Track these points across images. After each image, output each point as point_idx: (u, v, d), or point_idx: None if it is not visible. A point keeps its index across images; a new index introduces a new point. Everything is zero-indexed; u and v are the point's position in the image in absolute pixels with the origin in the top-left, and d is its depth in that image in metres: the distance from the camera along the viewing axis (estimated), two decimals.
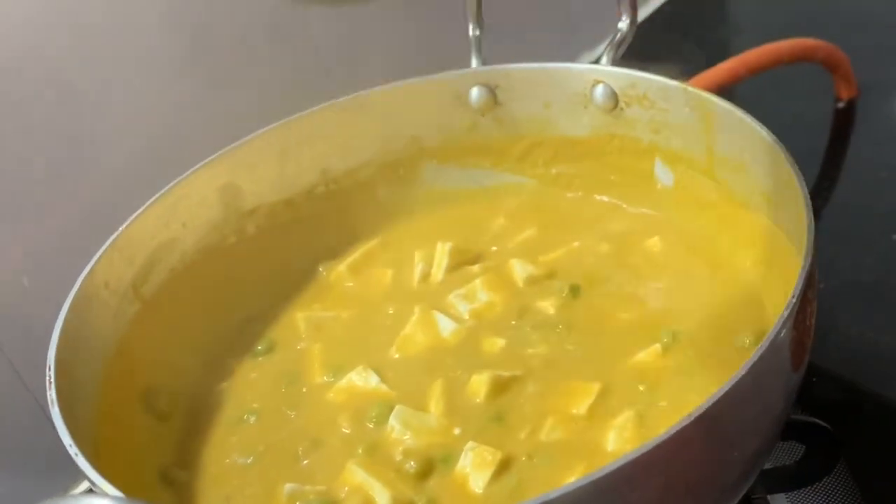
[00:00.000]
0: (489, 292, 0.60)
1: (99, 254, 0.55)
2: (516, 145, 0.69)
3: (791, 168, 0.50)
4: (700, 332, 0.55)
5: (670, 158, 0.63)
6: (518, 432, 0.51)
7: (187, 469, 0.53)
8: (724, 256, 0.60)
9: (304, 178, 0.67)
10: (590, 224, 0.66)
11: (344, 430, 0.53)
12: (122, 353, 0.55)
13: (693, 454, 0.40)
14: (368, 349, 0.58)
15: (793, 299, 0.43)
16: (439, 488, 0.49)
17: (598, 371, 0.54)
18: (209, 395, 0.58)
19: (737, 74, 0.90)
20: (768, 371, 0.42)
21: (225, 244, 0.64)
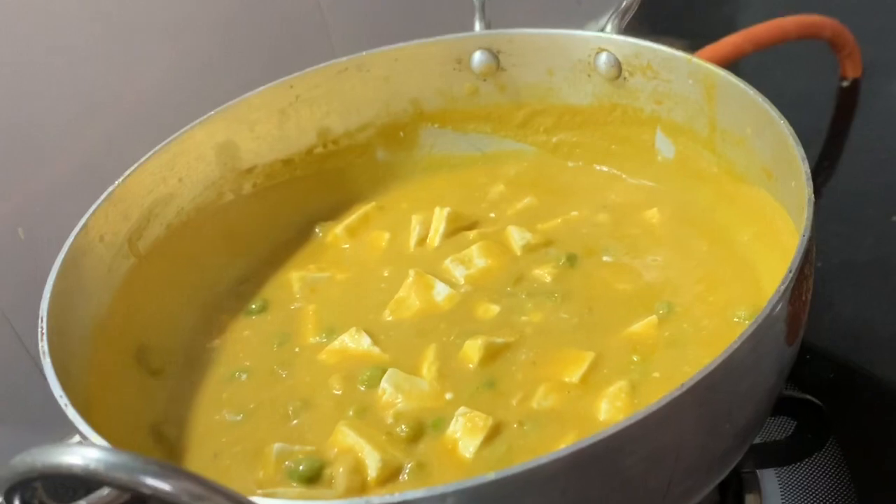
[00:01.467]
0: (486, 258, 0.60)
1: (94, 206, 0.54)
2: (518, 112, 0.68)
3: (793, 142, 0.50)
4: (696, 306, 0.55)
5: (672, 130, 0.63)
6: (510, 399, 0.51)
7: (177, 425, 0.53)
8: (722, 230, 0.60)
9: (303, 138, 0.66)
10: (589, 194, 0.66)
11: (335, 391, 0.53)
12: (115, 307, 0.55)
13: (685, 424, 0.40)
14: (362, 311, 0.58)
15: (790, 273, 0.43)
16: (429, 452, 0.49)
17: (593, 340, 0.53)
18: (202, 352, 0.58)
19: (742, 49, 0.90)
20: (763, 344, 0.42)
21: (222, 202, 0.64)
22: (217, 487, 0.33)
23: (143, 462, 0.31)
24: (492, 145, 0.70)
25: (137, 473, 0.32)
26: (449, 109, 0.68)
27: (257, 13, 0.78)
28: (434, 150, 0.70)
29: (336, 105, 0.66)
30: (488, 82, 0.67)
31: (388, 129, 0.69)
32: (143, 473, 0.31)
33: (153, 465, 0.32)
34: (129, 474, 0.32)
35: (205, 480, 0.33)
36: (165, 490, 0.32)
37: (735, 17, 1.19)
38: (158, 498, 0.32)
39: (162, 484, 0.32)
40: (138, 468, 0.31)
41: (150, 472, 0.32)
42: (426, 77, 0.67)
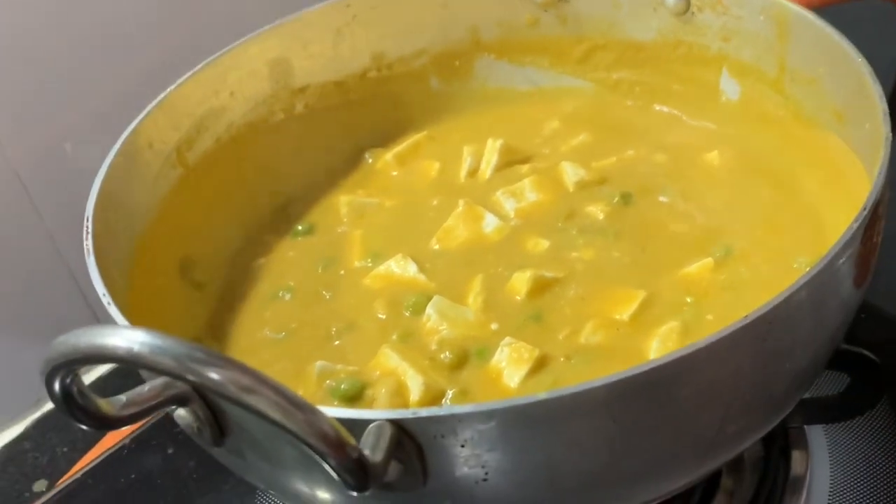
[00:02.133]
0: (537, 192, 0.59)
1: (145, 113, 0.54)
2: (578, 46, 0.66)
3: (871, 80, 0.48)
4: (754, 250, 0.53)
5: (738, 70, 0.60)
6: (557, 333, 0.49)
7: (218, 340, 0.53)
8: (785, 175, 0.58)
9: (357, 60, 0.65)
10: (647, 134, 0.64)
11: (379, 315, 0.52)
12: (160, 217, 0.54)
13: (745, 359, 0.38)
14: (409, 238, 0.57)
15: (864, 210, 0.41)
16: (473, 380, 0.48)
17: (644, 280, 0.52)
18: (246, 269, 0.58)
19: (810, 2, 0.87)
20: (832, 281, 0.41)
21: (272, 120, 0.63)
22: (266, 380, 0.32)
23: (190, 348, 0.30)
24: (548, 80, 0.68)
25: (184, 359, 0.31)
26: (507, 40, 0.67)
27: None
28: (489, 81, 0.68)
29: (392, 28, 0.65)
30: (550, 13, 0.65)
31: (444, 57, 0.67)
32: (189, 359, 0.31)
33: (200, 352, 0.31)
34: (176, 360, 0.31)
35: (256, 372, 0.32)
36: (212, 378, 0.31)
37: None
38: (207, 388, 0.31)
39: (210, 372, 0.31)
40: (184, 354, 0.30)
41: (197, 358, 0.31)
42: (486, 5, 0.65)
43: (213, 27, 0.70)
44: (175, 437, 0.62)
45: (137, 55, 0.72)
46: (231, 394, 0.31)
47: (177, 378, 0.31)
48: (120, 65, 0.72)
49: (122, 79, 0.72)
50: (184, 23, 0.71)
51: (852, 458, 0.57)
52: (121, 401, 0.35)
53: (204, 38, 0.63)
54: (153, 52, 0.72)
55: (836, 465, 0.56)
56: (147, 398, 0.36)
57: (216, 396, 0.32)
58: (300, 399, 0.32)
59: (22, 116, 0.69)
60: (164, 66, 0.66)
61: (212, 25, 0.71)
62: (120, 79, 0.72)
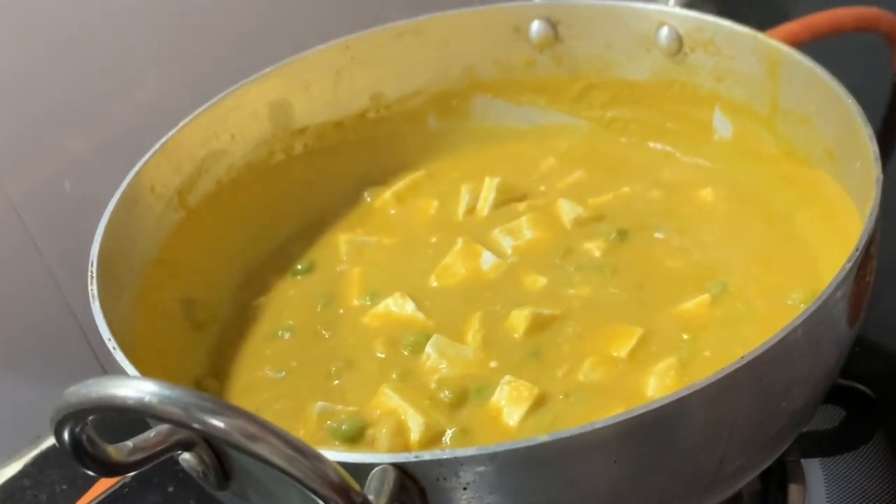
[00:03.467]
0: (535, 230, 0.59)
1: (147, 156, 0.54)
2: (573, 85, 0.67)
3: (861, 121, 0.49)
4: (749, 286, 0.54)
5: (731, 108, 0.61)
6: (555, 370, 0.50)
7: (219, 380, 0.53)
8: (778, 212, 0.58)
9: (356, 101, 0.66)
10: (641, 171, 0.65)
11: (379, 354, 0.52)
12: (163, 259, 0.55)
13: (742, 399, 0.39)
14: (408, 276, 0.58)
15: (856, 251, 0.42)
16: (473, 418, 0.48)
17: (642, 316, 0.52)
18: (246, 308, 0.58)
19: (798, 37, 0.88)
20: (825, 322, 0.41)
21: (272, 161, 0.63)
22: (271, 427, 0.32)
23: (198, 397, 0.31)
24: (545, 118, 0.69)
25: (192, 409, 0.31)
26: (504, 79, 0.67)
27: None
28: (486, 120, 0.69)
29: (390, 69, 0.66)
30: (545, 53, 0.66)
31: (441, 96, 0.68)
32: (196, 409, 0.31)
33: (207, 401, 0.31)
34: (183, 409, 0.31)
35: (259, 419, 0.32)
36: (218, 427, 0.31)
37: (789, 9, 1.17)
38: (213, 437, 0.32)
39: (217, 421, 0.31)
40: (192, 403, 0.31)
41: (204, 407, 0.31)
42: (483, 45, 0.66)
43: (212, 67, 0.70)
44: (176, 475, 0.62)
45: (137, 93, 0.72)
46: (237, 442, 0.31)
47: (185, 427, 0.31)
48: (119, 103, 0.73)
49: (122, 117, 0.72)
50: (184, 62, 0.72)
51: (848, 491, 0.57)
52: (128, 447, 0.35)
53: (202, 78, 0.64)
54: (153, 90, 0.73)
55: (833, 498, 0.56)
56: (154, 444, 0.36)
57: (223, 444, 0.32)
58: (305, 446, 0.32)
59: (21, 153, 0.70)
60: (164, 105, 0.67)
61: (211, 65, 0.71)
62: (119, 117, 0.72)
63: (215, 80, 0.60)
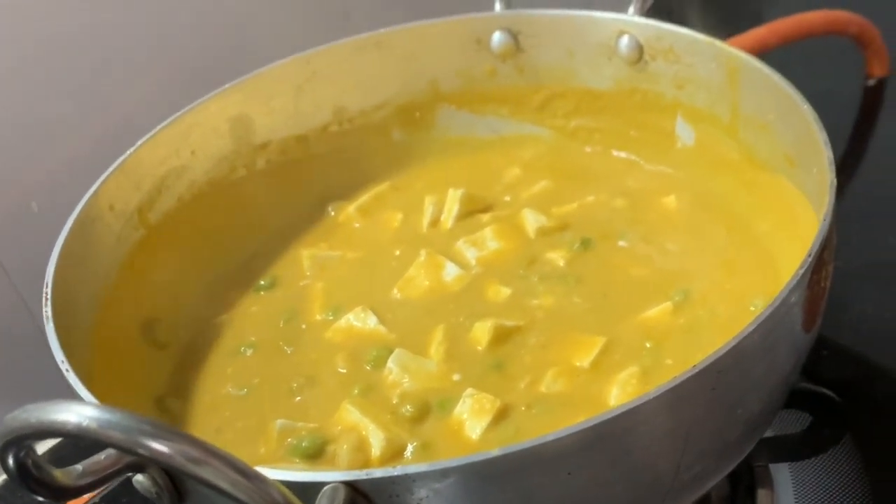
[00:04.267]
0: (499, 241, 0.59)
1: (105, 175, 0.54)
2: (536, 95, 0.67)
3: (816, 127, 0.49)
4: (712, 293, 0.54)
5: (693, 116, 0.62)
6: (518, 382, 0.50)
7: (181, 399, 0.53)
8: (741, 218, 0.59)
9: (318, 115, 0.66)
10: (606, 179, 0.65)
11: (340, 369, 0.52)
12: (123, 278, 0.55)
13: (696, 408, 0.39)
14: (371, 290, 0.58)
15: (809, 257, 0.42)
16: (435, 433, 0.48)
17: (604, 325, 0.52)
18: (208, 325, 0.58)
19: (766, 42, 0.88)
20: (779, 329, 0.41)
21: (234, 176, 0.63)
22: (216, 452, 0.32)
23: (139, 421, 0.31)
24: (509, 128, 0.69)
25: (133, 433, 0.31)
26: (467, 90, 0.68)
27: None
28: (450, 131, 0.69)
29: (353, 83, 0.66)
30: (507, 63, 0.66)
31: (405, 108, 0.68)
32: (138, 433, 0.31)
33: (150, 426, 0.31)
34: (125, 434, 0.31)
35: (204, 444, 0.32)
36: (162, 452, 0.31)
37: (761, 12, 1.17)
38: (156, 461, 0.32)
39: (159, 445, 0.31)
40: (134, 427, 0.31)
41: (146, 431, 0.31)
42: (445, 57, 0.66)
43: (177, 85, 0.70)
44: (144, 496, 0.62)
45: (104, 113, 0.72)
46: (181, 466, 0.31)
47: (127, 452, 0.31)
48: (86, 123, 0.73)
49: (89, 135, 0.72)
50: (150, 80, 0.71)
51: (817, 495, 0.57)
52: (77, 470, 0.35)
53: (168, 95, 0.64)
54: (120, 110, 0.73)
55: (802, 502, 0.57)
56: (104, 467, 0.36)
57: (166, 468, 0.32)
58: (247, 468, 0.32)
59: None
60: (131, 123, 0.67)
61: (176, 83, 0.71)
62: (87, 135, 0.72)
63: (181, 96, 0.60)
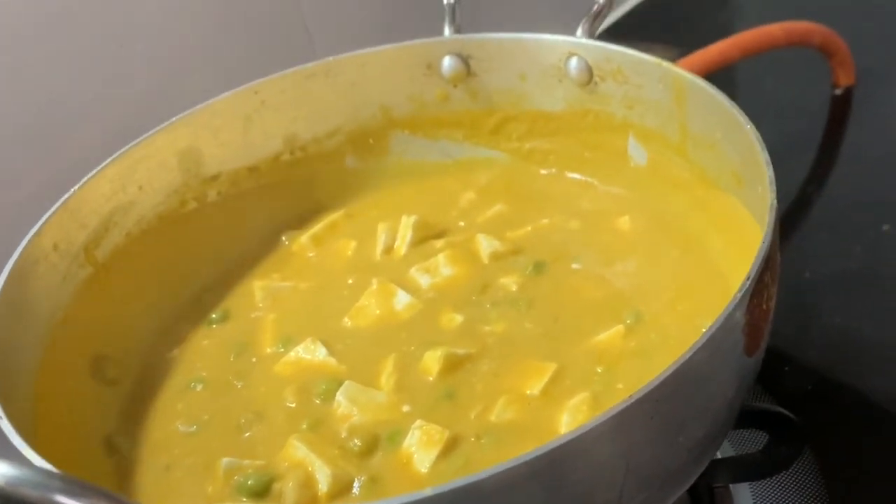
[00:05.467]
0: (452, 267, 0.59)
1: (48, 215, 0.53)
2: (489, 118, 0.67)
3: (758, 147, 0.49)
4: (665, 315, 0.54)
5: (644, 136, 0.61)
6: (469, 411, 0.49)
7: (130, 437, 0.52)
8: (694, 238, 0.58)
9: (269, 144, 0.65)
10: (561, 201, 0.65)
11: (289, 403, 0.52)
12: (70, 318, 0.54)
13: (634, 437, 0.39)
14: (322, 321, 0.57)
15: (747, 280, 0.41)
16: (383, 466, 0.47)
17: (556, 351, 0.52)
18: (159, 361, 0.57)
19: (729, 56, 0.88)
20: (718, 355, 0.41)
21: (185, 210, 0.63)
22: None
23: (49, 477, 0.30)
24: (463, 152, 0.69)
25: (44, 490, 0.30)
26: (419, 116, 0.67)
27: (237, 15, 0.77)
28: (404, 156, 0.69)
29: (303, 111, 0.65)
30: (459, 88, 0.66)
31: (358, 135, 0.68)
32: (50, 490, 0.30)
33: (61, 482, 0.31)
34: (37, 491, 0.30)
35: (119, 498, 0.31)
36: None
37: (730, 25, 1.17)
38: None
39: (73, 502, 0.31)
40: (44, 484, 0.30)
41: (59, 488, 0.31)
42: (395, 83, 0.66)
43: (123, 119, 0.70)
44: None
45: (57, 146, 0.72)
46: None
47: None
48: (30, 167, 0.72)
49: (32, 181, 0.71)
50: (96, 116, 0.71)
51: None
52: None
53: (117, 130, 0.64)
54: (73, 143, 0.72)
55: None
56: None
57: None
58: None
59: None
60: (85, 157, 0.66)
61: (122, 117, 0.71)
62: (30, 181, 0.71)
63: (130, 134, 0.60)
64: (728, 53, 0.88)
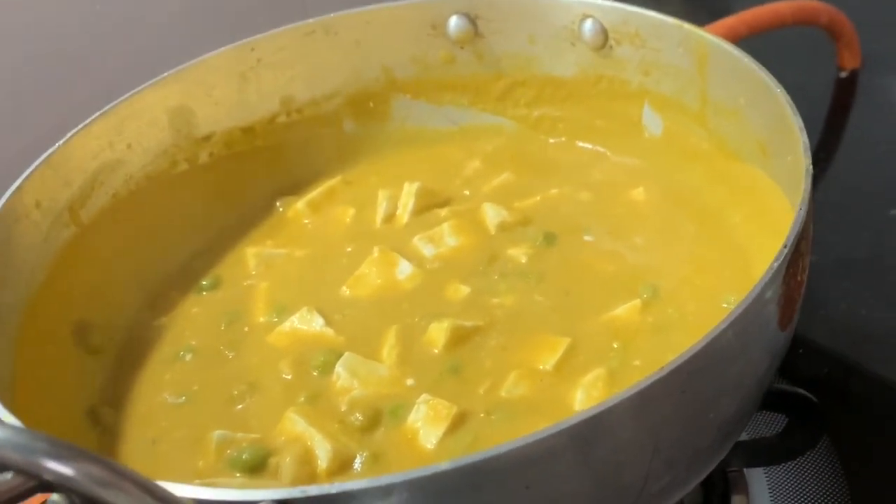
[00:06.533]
0: (457, 237, 0.56)
1: (30, 170, 0.50)
2: (497, 83, 0.64)
3: (790, 111, 0.47)
4: (682, 290, 0.51)
5: (660, 104, 0.59)
6: (477, 386, 0.47)
7: (115, 408, 0.49)
8: (712, 211, 0.56)
9: (264, 105, 0.62)
10: (571, 171, 0.62)
11: (285, 375, 0.49)
12: (51, 280, 0.51)
13: (664, 413, 0.36)
14: (319, 290, 0.54)
15: (785, 248, 0.39)
16: (386, 442, 0.45)
17: (569, 325, 0.50)
18: (147, 329, 0.54)
19: (737, 32, 0.86)
20: (754, 326, 0.39)
21: (175, 171, 0.59)
22: (125, 472, 0.29)
23: (38, 440, 0.27)
24: (468, 119, 0.66)
25: (32, 454, 0.27)
26: (423, 79, 0.64)
27: None
28: (406, 122, 0.66)
29: (301, 70, 0.62)
30: (465, 50, 0.63)
31: (358, 98, 0.65)
32: (38, 454, 0.27)
33: (50, 445, 0.28)
34: (23, 454, 0.28)
35: (112, 465, 0.28)
36: (65, 474, 0.28)
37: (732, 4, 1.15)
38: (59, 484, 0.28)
39: (61, 467, 0.28)
40: (32, 447, 0.27)
41: (47, 452, 0.28)
42: (399, 43, 0.63)
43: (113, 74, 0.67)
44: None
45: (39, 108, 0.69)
46: (86, 489, 0.28)
47: (27, 475, 0.28)
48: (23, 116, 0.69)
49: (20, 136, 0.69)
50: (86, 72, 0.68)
51: (794, 499, 0.55)
52: None
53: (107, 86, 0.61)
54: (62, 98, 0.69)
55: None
56: (11, 487, 0.32)
57: (70, 492, 0.29)
58: (163, 491, 0.29)
59: None
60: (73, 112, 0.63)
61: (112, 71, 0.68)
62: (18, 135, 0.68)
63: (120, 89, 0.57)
64: (736, 29, 0.86)
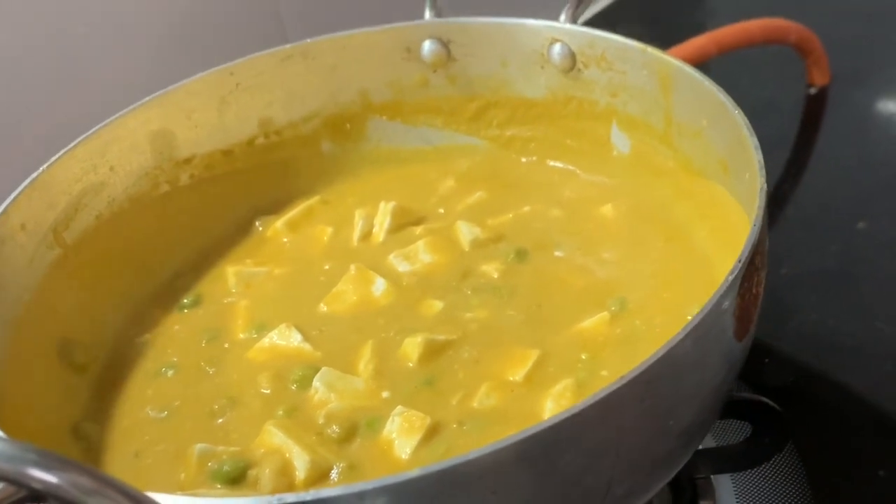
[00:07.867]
0: (431, 254, 0.58)
1: (15, 193, 0.51)
2: (470, 104, 0.66)
3: (746, 132, 0.48)
4: (649, 302, 0.53)
5: (627, 123, 0.61)
6: (450, 398, 0.48)
7: (99, 423, 0.51)
8: (678, 226, 0.58)
9: (244, 127, 0.64)
10: (542, 189, 0.64)
11: (263, 390, 0.50)
12: (37, 301, 0.52)
13: (625, 420, 0.38)
14: (297, 307, 0.56)
15: (739, 263, 0.41)
16: (362, 453, 0.46)
17: (539, 338, 0.51)
18: (129, 346, 0.55)
19: (706, 51, 0.88)
20: (709, 338, 0.40)
21: (157, 193, 0.61)
22: (111, 481, 0.30)
23: (23, 449, 0.29)
24: (442, 139, 0.68)
25: (18, 463, 0.29)
26: (398, 101, 0.66)
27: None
28: (382, 143, 0.67)
29: (280, 94, 0.64)
30: (439, 73, 0.65)
31: (335, 120, 0.66)
32: (24, 463, 0.29)
33: (35, 454, 0.29)
34: (10, 464, 0.29)
35: (96, 473, 0.30)
36: (51, 483, 0.29)
37: (705, 23, 1.17)
38: (45, 493, 0.30)
39: (47, 475, 0.29)
40: (18, 457, 0.29)
41: (35, 462, 0.29)
42: (374, 67, 0.65)
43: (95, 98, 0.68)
44: None
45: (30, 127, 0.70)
46: (72, 497, 0.29)
47: (14, 484, 0.29)
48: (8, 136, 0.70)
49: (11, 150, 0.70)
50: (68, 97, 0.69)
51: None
52: None
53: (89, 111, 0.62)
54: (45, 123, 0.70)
55: None
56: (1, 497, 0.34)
57: (58, 501, 0.30)
58: (146, 498, 0.30)
59: None
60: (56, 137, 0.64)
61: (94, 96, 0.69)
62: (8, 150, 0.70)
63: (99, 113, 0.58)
64: (706, 49, 0.88)
